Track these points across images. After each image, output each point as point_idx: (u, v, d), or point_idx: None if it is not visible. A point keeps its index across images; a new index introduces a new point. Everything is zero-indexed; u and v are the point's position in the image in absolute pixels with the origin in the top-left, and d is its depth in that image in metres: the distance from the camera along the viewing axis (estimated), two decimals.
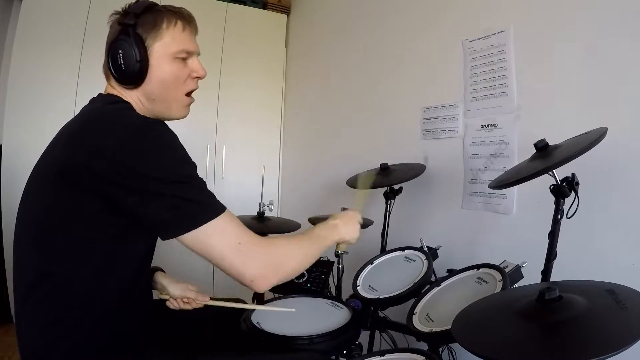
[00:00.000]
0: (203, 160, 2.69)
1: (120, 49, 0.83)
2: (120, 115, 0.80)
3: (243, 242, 0.77)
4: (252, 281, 0.77)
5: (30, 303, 0.77)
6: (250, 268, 0.77)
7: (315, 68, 2.74)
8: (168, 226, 0.73)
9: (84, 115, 0.84)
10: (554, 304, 0.67)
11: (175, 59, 0.88)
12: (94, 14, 2.33)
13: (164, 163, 0.73)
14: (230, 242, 0.76)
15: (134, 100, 0.89)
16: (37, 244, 0.77)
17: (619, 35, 1.16)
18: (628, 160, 1.13)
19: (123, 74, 0.84)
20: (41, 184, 0.80)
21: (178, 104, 0.92)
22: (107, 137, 0.73)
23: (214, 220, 0.74)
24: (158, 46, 0.85)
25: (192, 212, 0.73)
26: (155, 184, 0.71)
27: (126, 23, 0.83)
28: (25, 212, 0.82)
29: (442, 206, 1.71)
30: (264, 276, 0.78)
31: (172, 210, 0.72)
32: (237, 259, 0.76)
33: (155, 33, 0.85)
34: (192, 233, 0.73)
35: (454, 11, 1.70)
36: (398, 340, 1.33)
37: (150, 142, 0.73)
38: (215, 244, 0.74)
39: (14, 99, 2.22)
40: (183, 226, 0.73)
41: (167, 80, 0.87)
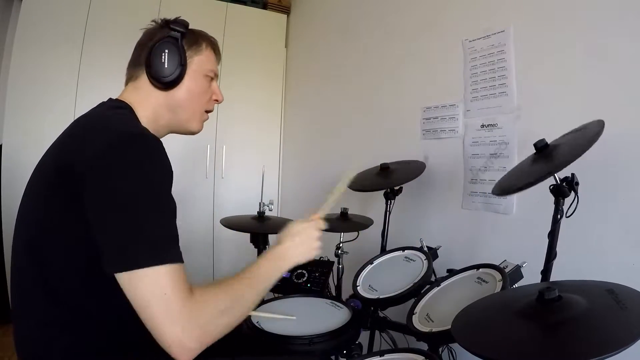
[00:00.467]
0: (203, 160, 2.69)
1: (167, 48, 0.87)
2: (116, 121, 0.80)
3: (170, 293, 0.65)
4: (170, 346, 0.65)
5: (27, 303, 0.78)
6: (171, 327, 0.64)
7: (315, 68, 2.74)
8: (111, 258, 0.67)
9: (84, 119, 0.85)
10: (554, 304, 0.67)
11: (205, 77, 0.95)
12: (94, 14, 2.33)
13: (141, 184, 0.68)
14: (157, 291, 0.65)
15: (151, 108, 0.89)
16: (35, 244, 0.77)
17: (619, 35, 1.17)
18: (628, 160, 1.13)
19: (162, 73, 0.87)
20: (40, 184, 0.80)
21: (198, 118, 0.97)
22: (94, 141, 0.72)
23: (157, 267, 0.65)
24: (197, 60, 0.92)
25: (140, 250, 0.65)
26: (120, 203, 0.66)
27: (175, 29, 0.89)
28: (24, 211, 0.82)
29: (442, 206, 1.71)
30: (183, 340, 0.65)
31: (122, 240, 0.66)
32: (160, 310, 0.64)
33: (196, 48, 0.92)
34: (126, 273, 0.65)
35: (454, 11, 1.70)
36: (398, 340, 1.33)
37: (136, 155, 0.69)
38: (141, 289, 0.65)
39: (14, 99, 2.22)
40: (125, 263, 0.65)
41: (196, 92, 0.93)
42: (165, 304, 0.65)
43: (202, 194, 2.69)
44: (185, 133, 0.99)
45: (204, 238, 2.67)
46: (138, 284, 0.65)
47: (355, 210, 1.78)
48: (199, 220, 2.66)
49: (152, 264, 0.65)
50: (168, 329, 0.65)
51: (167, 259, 0.67)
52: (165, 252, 0.67)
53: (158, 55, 0.86)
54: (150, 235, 0.67)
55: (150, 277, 0.65)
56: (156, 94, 0.89)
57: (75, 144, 0.76)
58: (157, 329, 0.65)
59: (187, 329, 0.65)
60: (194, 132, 0.99)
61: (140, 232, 0.66)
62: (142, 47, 0.90)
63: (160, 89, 0.89)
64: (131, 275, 0.65)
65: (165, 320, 0.65)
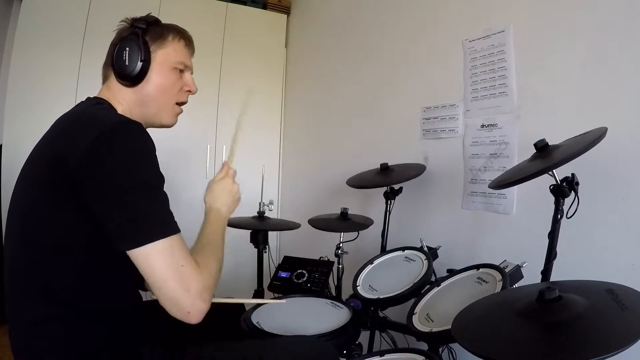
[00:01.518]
0: (203, 160, 2.69)
1: (128, 46, 0.89)
2: (101, 114, 0.82)
3: (185, 265, 0.73)
4: (189, 313, 0.72)
5: (21, 302, 0.78)
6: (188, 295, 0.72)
7: (315, 68, 2.74)
8: (124, 237, 0.71)
9: (70, 115, 0.87)
10: (554, 304, 0.68)
11: (173, 69, 0.95)
12: (94, 14, 2.33)
13: (135, 167, 0.73)
14: (173, 264, 0.72)
15: (125, 104, 0.92)
16: (26, 242, 0.77)
17: (619, 35, 1.17)
18: (628, 160, 1.13)
19: (124, 70, 0.89)
20: (27, 181, 0.81)
21: (169, 111, 0.97)
22: (84, 133, 0.74)
23: (163, 240, 0.71)
24: (161, 53, 0.93)
25: (149, 226, 0.71)
26: (114, 186, 0.70)
27: (137, 26, 0.91)
28: (14, 210, 0.82)
29: (442, 206, 1.71)
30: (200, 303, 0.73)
31: (123, 217, 0.70)
32: (177, 283, 0.71)
33: (160, 42, 0.93)
34: (140, 249, 0.70)
35: (454, 11, 1.70)
36: (398, 340, 1.33)
37: (125, 141, 0.73)
38: (157, 263, 0.71)
39: (14, 99, 2.21)
40: (132, 239, 0.70)
41: (164, 85, 0.94)
42: (183, 276, 0.72)
43: (202, 194, 2.69)
44: (159, 126, 0.99)
45: None
46: (154, 258, 0.71)
47: (355, 210, 1.78)
48: (198, 220, 2.64)
49: (165, 235, 0.72)
50: (186, 299, 0.72)
51: (174, 229, 0.74)
52: (172, 223, 0.75)
53: (120, 53, 0.89)
54: (157, 210, 0.74)
55: (164, 250, 0.71)
56: (125, 90, 0.92)
57: (64, 138, 0.78)
58: (177, 301, 0.72)
59: (202, 293, 0.74)
60: (168, 126, 0.99)
61: (148, 208, 0.72)
62: (111, 47, 0.93)
63: (126, 85, 0.91)
64: (146, 250, 0.70)
65: (185, 291, 0.72)
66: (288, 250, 2.68)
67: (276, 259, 1.81)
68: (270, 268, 1.76)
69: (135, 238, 0.70)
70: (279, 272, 1.57)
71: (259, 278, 1.75)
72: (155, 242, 0.71)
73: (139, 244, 0.70)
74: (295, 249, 2.25)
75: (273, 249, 2.81)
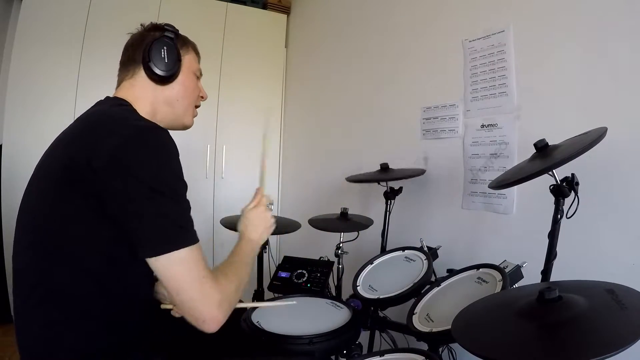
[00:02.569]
0: (203, 160, 2.69)
1: (166, 46, 0.92)
2: (126, 116, 0.82)
3: (206, 276, 0.75)
4: (205, 321, 0.74)
5: (30, 303, 0.77)
6: (207, 306, 0.74)
7: (315, 68, 2.74)
8: (147, 243, 0.71)
9: (89, 116, 0.85)
10: (554, 304, 0.68)
11: (194, 74, 1.01)
12: (94, 14, 2.33)
13: (162, 173, 0.73)
14: (195, 275, 0.73)
15: (148, 103, 0.92)
16: (37, 245, 0.77)
17: (619, 35, 1.16)
18: (628, 160, 1.13)
19: (162, 67, 0.91)
20: (43, 184, 0.80)
21: (191, 112, 1.03)
22: (109, 135, 0.73)
23: (187, 249, 0.73)
24: (187, 59, 0.98)
25: (168, 232, 0.72)
26: (147, 192, 0.70)
27: (169, 30, 0.94)
28: (27, 212, 0.82)
29: (442, 206, 1.71)
30: (217, 315, 0.75)
31: (149, 223, 0.71)
32: (197, 293, 0.73)
33: (186, 49, 0.99)
34: (166, 256, 0.71)
35: (454, 11, 1.70)
36: (398, 340, 1.33)
37: (152, 147, 0.74)
38: (180, 273, 0.72)
39: (14, 99, 2.22)
40: (155, 246, 0.71)
41: (189, 88, 0.99)
42: (202, 286, 0.73)
43: (202, 194, 2.69)
44: (179, 128, 1.01)
45: (203, 238, 2.63)
46: (175, 267, 0.72)
47: (355, 210, 1.78)
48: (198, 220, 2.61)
49: (188, 244, 0.73)
50: (207, 308, 0.74)
51: (194, 239, 0.75)
52: (194, 233, 0.76)
53: (157, 51, 0.91)
54: (179, 219, 0.74)
55: (186, 259, 0.72)
56: (153, 89, 0.93)
57: (86, 140, 0.76)
58: (195, 309, 0.73)
59: (221, 305, 0.75)
60: (187, 127, 1.04)
61: (171, 217, 0.73)
62: (134, 48, 0.93)
63: (158, 83, 0.92)
64: (168, 259, 0.71)
65: (204, 301, 0.73)
66: (288, 250, 2.68)
67: (276, 259, 1.81)
68: (270, 268, 1.76)
69: (159, 246, 0.71)
70: (279, 272, 1.57)
71: (259, 278, 1.75)
72: (179, 251, 0.71)
73: (162, 251, 0.71)
74: (295, 249, 2.25)
75: (273, 249, 2.81)
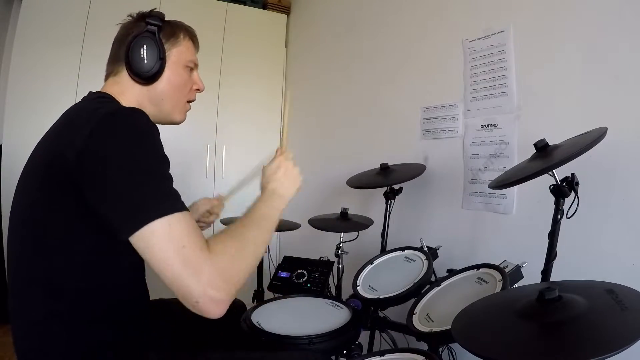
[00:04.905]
0: (203, 160, 2.69)
1: (145, 43, 0.87)
2: (98, 107, 0.79)
3: (188, 245, 0.65)
4: (197, 302, 0.64)
5: (24, 302, 0.77)
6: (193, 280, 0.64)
7: (315, 68, 2.74)
8: (123, 223, 0.66)
9: (69, 111, 0.85)
10: (554, 304, 0.67)
11: (185, 67, 0.96)
12: (94, 14, 2.33)
13: (132, 152, 0.69)
14: (175, 244, 0.65)
15: (134, 100, 0.89)
16: (28, 242, 0.77)
17: (619, 35, 1.17)
18: (628, 160, 1.13)
19: (142, 68, 0.87)
20: (29, 181, 0.80)
21: (179, 109, 0.98)
22: (81, 127, 0.72)
23: (164, 218, 0.65)
24: (175, 52, 0.93)
25: (146, 207, 0.66)
26: (114, 170, 0.67)
27: (152, 23, 0.89)
28: (16, 210, 0.82)
29: (442, 206, 1.71)
30: (208, 295, 0.64)
31: (129, 204, 0.66)
32: (182, 266, 0.64)
33: (173, 40, 0.93)
34: (139, 233, 0.65)
35: (454, 11, 1.70)
36: (398, 340, 1.33)
37: (120, 129, 0.70)
38: (157, 245, 0.65)
39: (14, 99, 2.21)
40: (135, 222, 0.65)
41: (178, 84, 0.94)
42: (185, 256, 0.64)
43: (202, 194, 2.67)
44: (168, 124, 0.98)
45: None
46: (153, 241, 0.65)
47: (355, 210, 1.78)
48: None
49: (162, 214, 0.65)
50: (193, 282, 0.64)
51: (172, 209, 0.67)
52: (172, 202, 0.69)
53: (137, 51, 0.87)
54: (155, 191, 0.68)
55: (162, 230, 0.65)
56: (137, 88, 0.90)
57: (62, 134, 0.77)
58: (182, 286, 0.64)
59: (211, 279, 0.65)
60: (177, 123, 1.00)
61: (146, 191, 0.67)
62: (120, 43, 0.91)
63: (141, 83, 0.90)
64: (144, 233, 0.64)
65: (189, 274, 0.64)
66: (288, 250, 2.68)
67: (276, 259, 1.81)
68: (270, 268, 1.76)
69: (132, 222, 0.65)
70: (278, 272, 1.57)
71: (258, 278, 1.75)
72: (152, 223, 0.64)
73: (136, 227, 0.64)
74: (295, 249, 2.25)
75: (273, 249, 2.81)
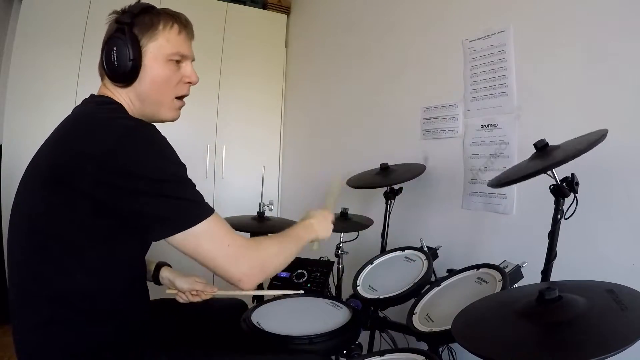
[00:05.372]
0: (203, 160, 2.69)
1: (115, 46, 0.83)
2: (111, 116, 0.80)
3: (232, 244, 0.80)
4: (240, 280, 0.81)
5: (25, 303, 0.77)
6: (237, 269, 0.81)
7: (316, 68, 2.74)
8: (162, 225, 0.75)
9: (76, 116, 0.84)
10: (554, 304, 0.67)
11: (168, 61, 0.88)
12: (94, 14, 2.33)
13: (155, 163, 0.75)
14: (219, 244, 0.79)
15: (126, 101, 0.89)
16: (30, 245, 0.77)
17: (619, 35, 1.16)
18: (628, 160, 1.13)
19: (115, 72, 0.84)
20: (32, 184, 0.80)
21: (167, 107, 0.92)
22: (97, 138, 0.73)
23: (204, 222, 0.77)
24: (152, 47, 0.86)
25: (184, 212, 0.76)
26: (147, 184, 0.73)
27: (122, 21, 0.84)
28: (18, 212, 0.81)
29: (442, 206, 1.71)
30: (249, 276, 0.82)
31: (164, 209, 0.75)
32: (225, 260, 0.80)
33: (150, 33, 0.86)
34: (183, 233, 0.75)
35: (454, 11, 1.70)
36: (398, 340, 1.33)
37: (141, 143, 0.75)
38: (204, 245, 0.78)
39: (14, 99, 2.21)
40: (176, 226, 0.75)
41: (159, 81, 0.88)
42: (228, 254, 0.80)
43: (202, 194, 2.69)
44: (160, 122, 0.92)
45: None
46: (199, 241, 0.77)
47: (355, 210, 1.78)
48: None
49: (204, 217, 0.77)
50: (235, 271, 0.81)
51: (209, 211, 0.79)
52: (206, 205, 0.80)
53: (108, 55, 0.84)
54: (191, 196, 0.79)
55: (207, 231, 0.77)
56: (120, 89, 0.87)
57: (75, 142, 0.76)
58: (227, 272, 0.80)
59: (252, 265, 0.82)
60: (169, 120, 0.94)
61: (183, 196, 0.77)
62: (102, 46, 0.88)
63: (120, 86, 0.87)
64: (190, 234, 0.75)
65: (232, 266, 0.80)
66: None
67: None
68: None
69: (180, 223, 0.75)
70: (279, 272, 1.57)
71: None
72: (199, 225, 0.76)
73: (183, 227, 0.75)
74: None
75: None
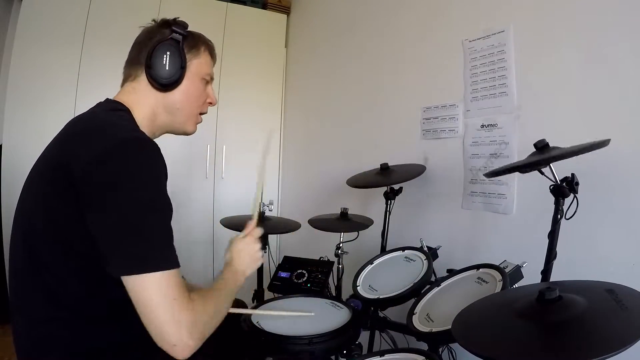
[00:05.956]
0: (203, 160, 2.69)
1: (169, 51, 0.88)
2: (115, 124, 0.80)
3: (177, 298, 0.70)
4: (175, 345, 0.69)
5: (27, 302, 0.78)
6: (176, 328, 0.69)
7: (315, 68, 2.74)
8: (121, 260, 0.68)
9: (83, 119, 0.85)
10: (554, 304, 0.68)
11: (202, 80, 0.96)
12: (94, 14, 2.33)
13: (142, 188, 0.70)
14: (167, 298, 0.69)
15: (148, 109, 0.90)
16: (30, 245, 0.77)
17: (619, 35, 1.16)
18: (628, 160, 1.13)
19: (162, 74, 0.88)
20: (35, 185, 0.80)
21: (193, 120, 0.99)
22: (92, 143, 0.73)
23: (166, 272, 0.69)
24: (195, 64, 0.93)
25: (151, 254, 0.69)
26: (122, 205, 0.68)
27: (177, 32, 0.89)
28: (21, 212, 0.82)
29: (442, 206, 1.71)
30: (186, 342, 0.69)
31: (129, 244, 0.68)
32: (168, 315, 0.68)
33: (195, 51, 0.93)
34: (135, 276, 0.67)
35: (454, 11, 1.70)
36: (398, 340, 1.33)
37: (134, 160, 0.71)
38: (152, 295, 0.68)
39: (14, 99, 2.21)
40: (130, 266, 0.68)
41: (193, 95, 0.95)
42: (173, 308, 0.69)
43: (201, 194, 2.69)
44: (180, 134, 1.00)
45: (204, 238, 2.67)
46: (145, 287, 0.68)
47: (355, 210, 1.78)
48: (198, 220, 2.66)
49: (161, 268, 0.68)
50: (174, 331, 0.68)
51: (173, 264, 0.71)
52: (170, 256, 0.71)
53: (159, 57, 0.87)
54: (156, 240, 0.70)
55: (158, 282, 0.68)
56: (154, 94, 0.90)
57: (73, 144, 0.77)
58: (162, 332, 0.68)
59: (192, 330, 0.70)
60: (189, 133, 1.01)
61: (146, 236, 0.69)
62: (141, 46, 0.90)
63: (158, 90, 0.89)
64: (139, 278, 0.67)
65: (172, 324, 0.68)
66: (288, 250, 2.69)
67: (276, 259, 1.81)
68: (270, 268, 1.76)
69: (129, 266, 0.67)
70: (279, 272, 1.57)
71: (258, 278, 1.75)
72: (150, 274, 0.67)
73: (132, 271, 0.67)
74: (295, 249, 2.25)
75: (273, 249, 2.81)
